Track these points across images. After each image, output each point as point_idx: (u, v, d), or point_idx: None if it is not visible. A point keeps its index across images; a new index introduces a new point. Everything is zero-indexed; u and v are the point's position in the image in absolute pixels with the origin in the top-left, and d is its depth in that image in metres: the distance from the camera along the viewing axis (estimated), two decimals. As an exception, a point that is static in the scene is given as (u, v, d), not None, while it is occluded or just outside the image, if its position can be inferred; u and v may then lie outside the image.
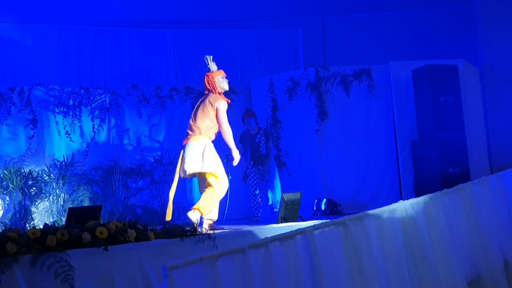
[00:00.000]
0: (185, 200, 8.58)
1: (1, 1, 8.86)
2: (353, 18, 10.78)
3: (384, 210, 4.02)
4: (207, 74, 5.97)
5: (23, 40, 9.75)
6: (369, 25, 10.69)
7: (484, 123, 9.16)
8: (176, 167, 5.97)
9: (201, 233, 4.64)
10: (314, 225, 3.48)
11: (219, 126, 5.84)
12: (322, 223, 3.57)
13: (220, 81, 5.94)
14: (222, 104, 5.80)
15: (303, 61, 10.75)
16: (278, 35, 10.92)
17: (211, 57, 6.06)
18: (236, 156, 5.96)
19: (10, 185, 7.72)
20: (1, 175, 7.78)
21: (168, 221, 5.43)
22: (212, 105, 5.78)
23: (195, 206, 5.59)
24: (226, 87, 5.99)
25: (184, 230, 4.52)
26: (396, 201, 4.52)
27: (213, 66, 6.00)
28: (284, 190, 8.24)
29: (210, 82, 5.91)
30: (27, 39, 9.77)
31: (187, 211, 5.60)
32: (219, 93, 5.93)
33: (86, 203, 7.90)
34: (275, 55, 10.57)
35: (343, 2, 10.17)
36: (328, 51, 10.80)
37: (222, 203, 6.26)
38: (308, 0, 10.07)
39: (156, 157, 8.69)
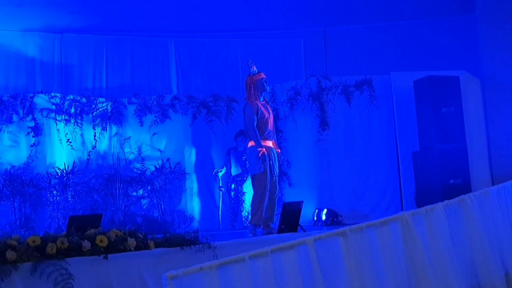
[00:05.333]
0: (186, 209, 8.58)
1: (3, 9, 8.89)
2: (355, 28, 10.80)
3: (385, 221, 4.00)
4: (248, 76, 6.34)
5: (26, 48, 9.77)
6: (370, 35, 10.70)
7: (486, 134, 9.14)
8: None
9: (201, 242, 4.63)
10: (315, 235, 3.47)
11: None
12: (322, 233, 3.56)
13: (261, 83, 6.28)
14: (246, 109, 6.17)
15: (304, 71, 10.75)
16: (280, 45, 10.94)
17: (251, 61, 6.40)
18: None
19: (11, 192, 7.73)
20: (2, 183, 7.79)
21: (168, 230, 5.44)
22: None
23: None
24: (266, 88, 6.37)
25: (184, 239, 4.51)
26: (397, 211, 4.51)
27: (253, 68, 6.33)
28: (284, 199, 8.25)
29: (246, 84, 6.33)
30: (29, 47, 9.79)
31: (187, 221, 5.61)
32: (249, 98, 6.22)
33: (87, 211, 7.89)
34: (277, 64, 10.56)
35: (344, 12, 10.19)
36: (329, 61, 10.80)
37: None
38: (310, 11, 10.08)
39: (157, 166, 8.69)
